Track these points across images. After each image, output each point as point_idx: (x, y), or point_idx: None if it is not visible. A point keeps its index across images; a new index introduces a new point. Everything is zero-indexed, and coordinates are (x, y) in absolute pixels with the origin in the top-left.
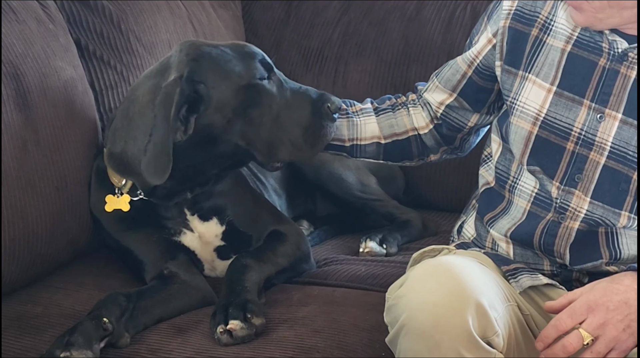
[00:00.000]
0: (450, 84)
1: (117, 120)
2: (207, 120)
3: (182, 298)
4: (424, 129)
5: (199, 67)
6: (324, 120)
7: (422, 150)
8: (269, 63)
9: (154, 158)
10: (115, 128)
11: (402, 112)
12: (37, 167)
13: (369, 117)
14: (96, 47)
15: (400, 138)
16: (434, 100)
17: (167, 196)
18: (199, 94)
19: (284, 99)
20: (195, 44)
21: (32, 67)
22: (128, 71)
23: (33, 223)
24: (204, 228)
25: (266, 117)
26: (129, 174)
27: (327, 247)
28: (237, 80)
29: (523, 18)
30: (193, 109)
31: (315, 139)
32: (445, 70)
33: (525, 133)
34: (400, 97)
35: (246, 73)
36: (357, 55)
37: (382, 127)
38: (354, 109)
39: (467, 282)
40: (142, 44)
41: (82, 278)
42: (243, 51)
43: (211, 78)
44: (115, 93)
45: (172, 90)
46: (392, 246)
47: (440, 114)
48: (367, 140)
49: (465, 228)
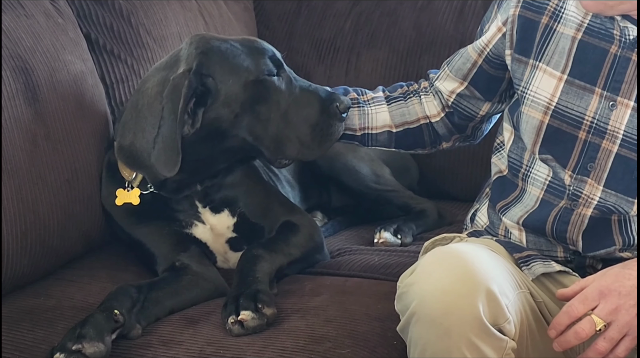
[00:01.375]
0: (461, 72)
1: (126, 112)
2: (215, 114)
3: (194, 290)
4: (435, 117)
5: (208, 60)
6: (332, 119)
7: (435, 138)
8: (278, 59)
9: (163, 151)
10: (125, 121)
11: (414, 101)
12: (47, 160)
13: (380, 106)
14: (106, 40)
15: (411, 126)
16: (445, 89)
17: (177, 189)
18: (207, 87)
19: (293, 96)
20: (205, 37)
21: (42, 61)
22: (138, 64)
23: (45, 216)
24: (215, 221)
25: (274, 113)
26: (139, 166)
27: (341, 238)
28: (245, 75)
29: (533, 6)
30: (201, 102)
31: (322, 137)
32: (456, 59)
33: (537, 122)
34: (412, 84)
35: (255, 68)
36: (369, 46)
37: (394, 116)
38: (365, 97)
39: (477, 269)
40: (152, 37)
41: (95, 271)
42: (253, 46)
43: (219, 72)
44: (125, 86)
45: (180, 83)
46: (407, 236)
47: (452, 103)
48: (379, 129)
49: (478, 216)
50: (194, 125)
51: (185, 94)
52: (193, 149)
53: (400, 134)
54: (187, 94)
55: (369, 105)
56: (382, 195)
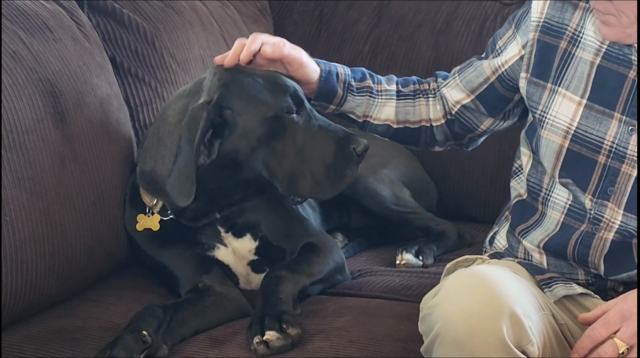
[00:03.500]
0: (471, 85)
1: (148, 138)
2: (232, 145)
3: (218, 310)
4: (437, 122)
5: (229, 93)
6: (347, 161)
7: (430, 140)
8: (299, 97)
9: (178, 180)
10: (146, 147)
11: (422, 101)
12: (75, 182)
13: (389, 99)
14: (131, 64)
15: (412, 126)
16: (451, 98)
17: (196, 218)
18: (225, 119)
19: (310, 134)
20: (230, 70)
21: (69, 85)
22: (162, 87)
23: (72, 237)
24: (237, 244)
25: (289, 149)
26: (159, 193)
27: (362, 259)
28: (264, 111)
29: (551, 30)
30: (218, 133)
31: (336, 178)
32: (469, 71)
33: (557, 146)
34: (424, 83)
35: (275, 105)
36: (387, 69)
37: (398, 112)
38: (379, 87)
39: (501, 291)
40: (175, 61)
41: (120, 292)
42: (275, 82)
43: (239, 105)
44: (149, 109)
45: (198, 114)
46: (429, 257)
47: (455, 112)
48: (380, 121)
49: (497, 239)
50: (210, 156)
51: (203, 126)
52: (209, 179)
53: (399, 130)
54: (204, 126)
55: (380, 96)
56: (403, 216)
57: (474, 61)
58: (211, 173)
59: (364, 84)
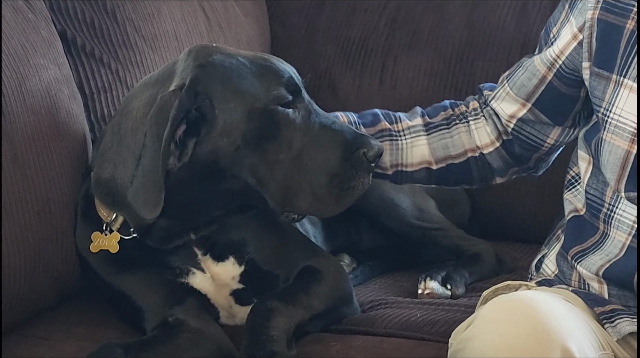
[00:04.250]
0: (525, 90)
1: (107, 136)
2: (210, 145)
3: (193, 350)
4: (488, 148)
5: (207, 77)
6: (356, 169)
7: (486, 172)
8: (296, 85)
9: (143, 186)
10: (105, 147)
11: (460, 128)
12: (14, 188)
13: (417, 137)
14: (86, 40)
15: (456, 161)
16: (503, 112)
17: (165, 238)
18: (202, 111)
19: (310, 134)
20: (208, 49)
21: (8, 66)
22: (125, 70)
23: (10, 257)
24: (218, 269)
25: (283, 154)
26: (119, 206)
27: (374, 287)
28: (250, 101)
29: (616, 7)
30: (193, 129)
31: (342, 191)
32: (518, 73)
33: (622, 152)
34: (458, 105)
35: (264, 94)
36: (409, 49)
37: (434, 149)
38: (399, 126)
39: (551, 322)
40: (142, 36)
41: (70, 327)
42: (265, 65)
43: (220, 93)
44: (109, 97)
45: (168, 103)
46: (459, 286)
47: (512, 130)
48: (415, 166)
49: (545, 263)
50: (182, 158)
51: (174, 116)
52: (182, 189)
53: (442, 171)
54: (175, 117)
55: (404, 136)
56: (427, 234)
57: (523, 61)
58: (184, 181)
59: (378, 127)
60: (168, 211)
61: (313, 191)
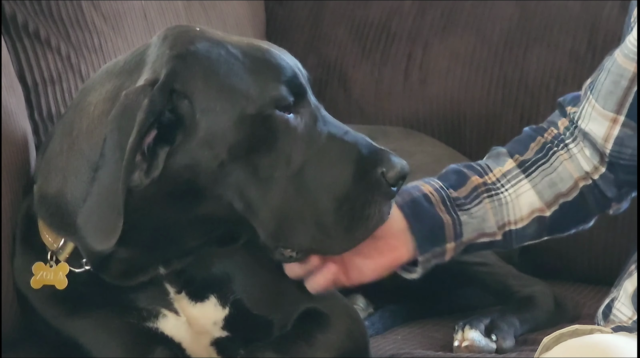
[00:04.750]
0: (614, 99)
1: (55, 140)
2: (187, 158)
3: None
4: (597, 172)
5: (186, 71)
6: (372, 193)
7: (602, 201)
8: (300, 85)
9: (97, 209)
10: (52, 154)
11: (561, 156)
12: None
13: (518, 183)
14: (29, 18)
15: (569, 198)
16: (594, 135)
17: (126, 272)
18: (178, 113)
19: (314, 147)
20: (189, 34)
21: None
22: (79, 56)
23: None
24: (196, 312)
25: (280, 171)
26: (68, 230)
27: (396, 338)
28: (241, 104)
29: None
30: (166, 136)
31: (354, 221)
32: (601, 78)
33: None
34: (546, 129)
35: (259, 95)
36: (443, 32)
37: (541, 191)
38: (492, 176)
39: None
40: (100, 14)
41: None
42: (262, 59)
43: (202, 93)
44: (58, 90)
45: (135, 103)
46: (506, 337)
47: (610, 154)
48: (526, 220)
49: (616, 307)
50: (151, 172)
51: (142, 121)
52: (149, 210)
53: (555, 216)
54: (144, 122)
55: (503, 187)
56: (466, 270)
57: (604, 63)
58: (152, 201)
59: (470, 185)
60: (130, 238)
61: (316, 220)
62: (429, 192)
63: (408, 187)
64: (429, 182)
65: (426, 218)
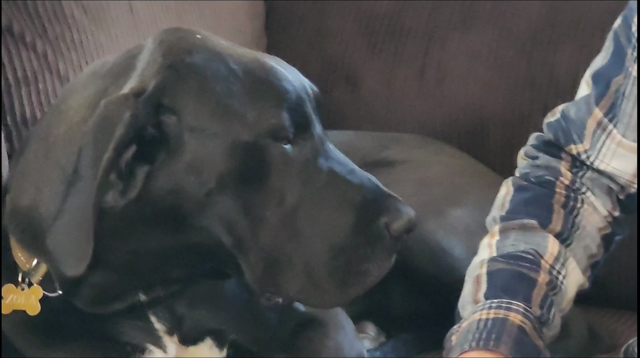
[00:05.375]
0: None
1: (30, 147)
2: (171, 183)
3: None
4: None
5: (179, 84)
6: (372, 246)
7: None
8: (304, 113)
9: (67, 229)
10: (26, 162)
11: (585, 211)
12: None
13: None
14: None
15: (598, 256)
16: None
17: (100, 298)
18: (164, 131)
19: (313, 186)
20: (187, 39)
21: None
22: (57, 53)
23: None
24: (189, 354)
25: (272, 210)
26: (41, 249)
27: None
28: (236, 129)
29: None
30: (147, 154)
31: (349, 275)
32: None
33: None
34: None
35: (255, 121)
36: (462, 28)
37: (581, 262)
38: (546, 267)
39: None
40: (81, 7)
41: None
42: (265, 79)
43: (194, 111)
44: (33, 91)
45: (114, 115)
46: None
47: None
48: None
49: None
50: (127, 194)
51: (121, 136)
52: (128, 233)
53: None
54: (122, 137)
55: (560, 275)
56: None
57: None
58: (132, 224)
59: (540, 291)
60: (107, 262)
61: (307, 269)
62: (522, 323)
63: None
64: (510, 308)
65: (530, 353)
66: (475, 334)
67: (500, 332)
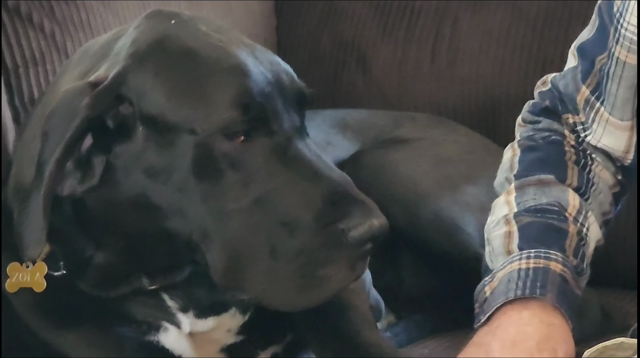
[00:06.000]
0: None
1: (30, 123)
2: (128, 172)
3: None
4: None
5: (139, 73)
6: (330, 250)
7: None
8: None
9: (29, 214)
10: (27, 139)
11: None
12: None
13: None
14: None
15: (610, 215)
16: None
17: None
18: (122, 122)
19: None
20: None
21: None
22: (64, 34)
23: None
24: (206, 325)
25: (230, 206)
26: None
27: (422, 352)
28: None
29: None
30: (104, 144)
31: (307, 279)
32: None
33: None
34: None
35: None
36: (474, 7)
37: (597, 217)
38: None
39: None
40: None
41: None
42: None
43: (148, 101)
44: (41, 72)
45: (72, 104)
46: None
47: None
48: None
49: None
50: (85, 182)
51: (76, 126)
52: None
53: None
54: (77, 127)
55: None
56: None
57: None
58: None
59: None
60: (107, 242)
61: (267, 268)
62: (562, 272)
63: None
64: (550, 257)
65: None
66: (518, 282)
67: (544, 281)
